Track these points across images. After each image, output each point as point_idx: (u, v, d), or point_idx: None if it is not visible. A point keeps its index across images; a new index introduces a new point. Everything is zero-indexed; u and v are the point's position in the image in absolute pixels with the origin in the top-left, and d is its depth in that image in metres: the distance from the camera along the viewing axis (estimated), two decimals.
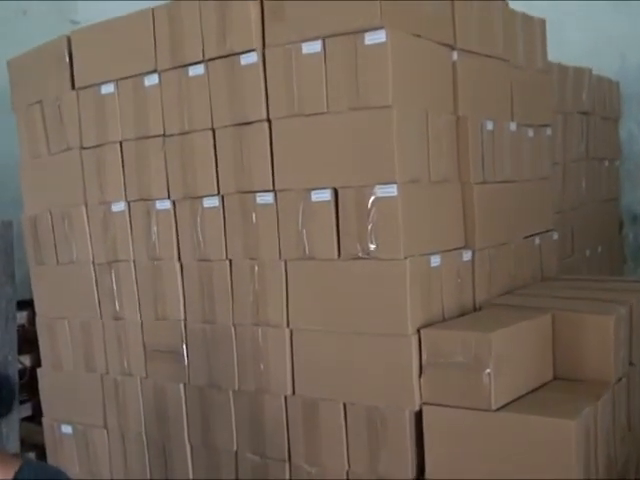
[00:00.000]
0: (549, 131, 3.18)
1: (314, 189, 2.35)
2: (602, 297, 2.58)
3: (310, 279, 2.41)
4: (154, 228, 2.76)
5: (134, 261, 2.85)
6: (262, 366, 2.53)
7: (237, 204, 2.54)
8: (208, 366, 2.67)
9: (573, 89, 3.59)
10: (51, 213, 3.10)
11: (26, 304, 3.38)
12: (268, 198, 2.46)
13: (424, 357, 2.23)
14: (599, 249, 4.00)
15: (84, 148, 2.94)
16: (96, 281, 2.98)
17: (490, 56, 2.71)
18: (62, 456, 3.20)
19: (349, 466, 2.38)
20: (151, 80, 2.70)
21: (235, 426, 2.63)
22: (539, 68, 3.10)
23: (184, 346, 2.73)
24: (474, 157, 2.56)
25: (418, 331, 2.24)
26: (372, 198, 2.24)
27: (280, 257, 2.46)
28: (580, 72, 3.67)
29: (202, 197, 2.62)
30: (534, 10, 3.04)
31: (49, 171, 3.10)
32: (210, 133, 2.57)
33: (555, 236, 3.23)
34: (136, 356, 2.88)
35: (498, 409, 2.13)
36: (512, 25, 2.88)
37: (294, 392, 2.48)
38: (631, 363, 2.54)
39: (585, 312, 2.40)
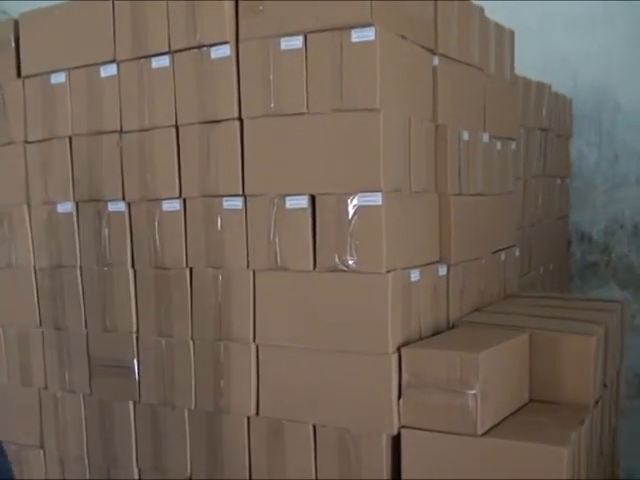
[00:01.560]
0: (514, 145, 3.12)
1: (289, 195, 2.19)
2: (577, 317, 2.51)
3: (281, 291, 2.24)
4: (105, 231, 2.53)
5: (80, 267, 2.61)
6: (223, 384, 2.34)
7: (201, 208, 2.35)
8: (162, 383, 2.46)
9: (535, 104, 3.55)
10: None
11: None
12: (236, 203, 2.29)
13: (404, 377, 2.10)
14: (550, 266, 3.98)
15: (28, 142, 2.69)
16: (37, 287, 2.72)
17: (467, 63, 2.62)
18: None
19: None
20: (108, 70, 2.48)
21: (189, 448, 2.43)
22: (507, 80, 3.04)
23: (135, 361, 2.51)
24: (451, 168, 2.46)
25: (398, 350, 2.11)
26: (354, 207, 2.10)
27: (248, 267, 2.28)
28: (541, 87, 3.64)
29: (161, 200, 2.42)
30: None
31: None
32: (173, 130, 2.37)
33: (517, 252, 3.17)
34: (79, 370, 2.63)
35: (483, 434, 2.01)
36: (486, 33, 2.80)
37: (258, 413, 2.30)
38: (604, 385, 2.48)
39: (565, 332, 2.32)
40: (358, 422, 2.14)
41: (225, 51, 2.26)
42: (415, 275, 2.23)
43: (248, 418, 2.32)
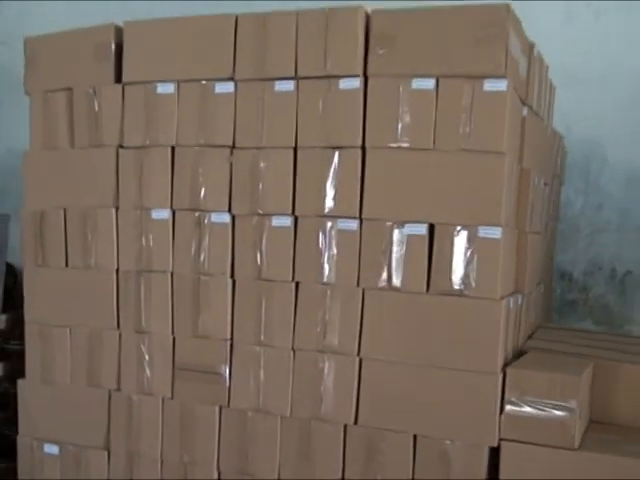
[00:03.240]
0: (548, 189, 3.43)
1: (408, 222, 2.39)
2: (625, 349, 2.82)
3: (390, 310, 2.42)
4: (205, 241, 2.63)
5: (172, 273, 2.69)
6: (322, 393, 2.48)
7: (313, 227, 2.50)
8: (256, 389, 2.57)
9: (556, 153, 3.90)
10: (66, 211, 2.84)
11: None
12: (352, 225, 2.45)
13: (507, 395, 2.32)
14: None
15: (123, 147, 2.75)
16: (117, 289, 2.76)
17: (537, 114, 2.91)
18: (40, 478, 2.89)
19: None
20: (224, 87, 2.59)
21: (279, 454, 2.55)
22: (552, 130, 3.36)
23: (226, 367, 2.60)
24: (529, 207, 2.72)
25: (503, 369, 2.33)
26: (474, 238, 2.32)
27: (358, 285, 2.45)
28: (560, 138, 3.99)
29: (272, 215, 2.55)
30: None
31: (69, 166, 2.85)
32: (291, 152, 2.52)
33: (542, 287, 3.48)
34: (161, 374, 2.70)
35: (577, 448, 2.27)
36: (546, 87, 3.11)
37: (356, 422, 2.46)
38: None
39: (625, 362, 2.62)
40: (461, 434, 2.34)
41: (355, 83, 2.43)
42: (512, 303, 2.47)
43: (345, 426, 2.47)
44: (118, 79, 2.76)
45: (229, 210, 2.60)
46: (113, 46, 2.75)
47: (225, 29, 2.58)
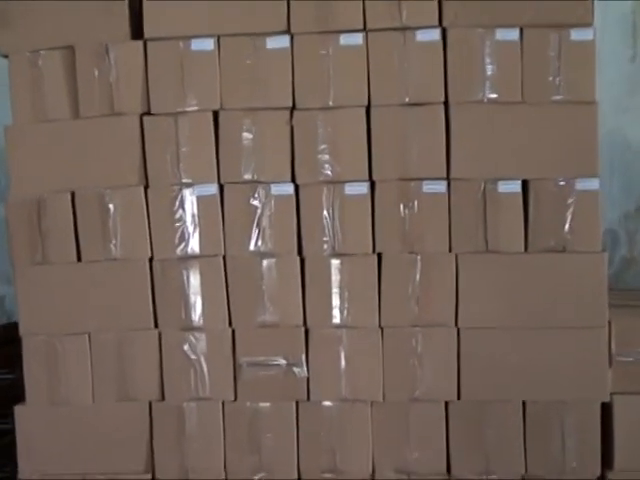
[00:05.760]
0: None
1: (501, 180, 2.27)
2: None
3: (487, 274, 2.29)
4: (265, 216, 2.31)
5: (224, 257, 2.33)
6: (418, 372, 2.29)
7: (393, 192, 2.29)
8: (340, 377, 2.31)
9: None
10: (74, 195, 2.36)
11: None
12: (439, 187, 2.29)
13: (614, 347, 2.29)
14: None
15: (148, 114, 2.34)
16: (152, 282, 2.35)
17: None
18: None
19: (526, 470, 2.29)
20: (278, 42, 2.30)
21: (373, 444, 2.32)
22: None
23: (303, 356, 2.31)
24: None
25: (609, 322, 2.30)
26: (572, 191, 2.26)
27: (450, 251, 2.29)
28: None
29: (344, 182, 2.30)
30: None
31: (73, 141, 2.37)
32: (363, 111, 2.29)
33: None
34: (218, 374, 2.33)
35: None
36: None
37: (459, 397, 2.30)
38: None
39: None
40: (572, 394, 2.28)
41: (434, 35, 2.27)
42: None
43: (446, 404, 2.30)
44: (135, 35, 2.35)
45: (292, 180, 2.32)
46: None
47: None
